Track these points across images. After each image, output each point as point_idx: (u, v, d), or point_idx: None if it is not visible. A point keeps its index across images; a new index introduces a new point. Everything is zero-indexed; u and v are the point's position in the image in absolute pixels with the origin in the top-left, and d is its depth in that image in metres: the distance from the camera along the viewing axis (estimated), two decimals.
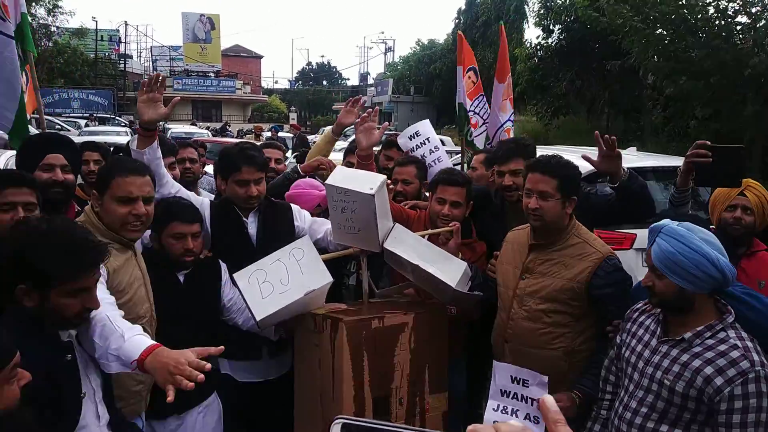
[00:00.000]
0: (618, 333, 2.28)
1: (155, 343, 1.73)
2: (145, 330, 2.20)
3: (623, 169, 2.67)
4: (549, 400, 0.67)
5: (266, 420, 2.85)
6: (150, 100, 2.49)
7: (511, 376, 2.30)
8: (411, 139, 3.87)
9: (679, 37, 10.07)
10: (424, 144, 3.81)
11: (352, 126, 3.12)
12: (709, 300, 1.94)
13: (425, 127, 3.94)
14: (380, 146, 3.52)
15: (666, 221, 1.96)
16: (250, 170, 2.66)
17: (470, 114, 5.39)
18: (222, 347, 1.71)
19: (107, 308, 1.82)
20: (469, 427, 0.65)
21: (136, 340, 1.73)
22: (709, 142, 2.50)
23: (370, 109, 2.92)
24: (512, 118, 5.19)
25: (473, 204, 2.94)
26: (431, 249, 2.52)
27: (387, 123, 3.22)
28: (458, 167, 4.84)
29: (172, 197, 2.54)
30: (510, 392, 2.29)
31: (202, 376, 1.57)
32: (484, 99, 5.56)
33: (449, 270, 2.44)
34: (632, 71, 13.77)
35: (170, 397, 1.55)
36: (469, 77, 5.47)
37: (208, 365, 1.61)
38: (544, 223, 2.40)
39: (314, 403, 2.38)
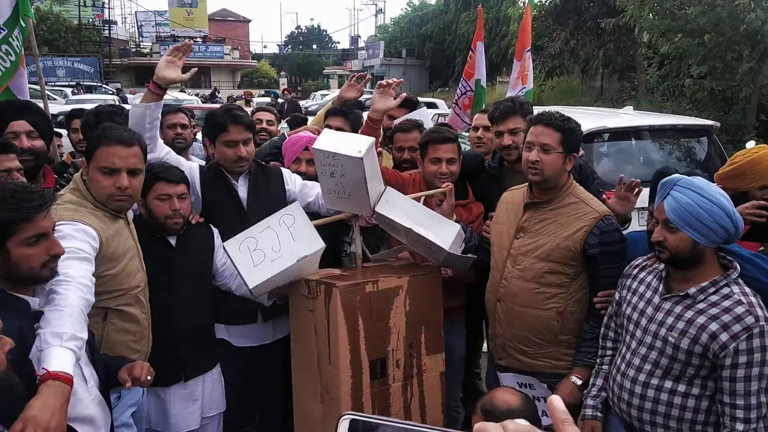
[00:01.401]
0: (609, 301, 2.29)
1: (65, 373, 1.54)
2: (137, 299, 2.19)
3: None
4: (557, 401, 0.68)
5: (264, 384, 2.87)
6: (170, 62, 2.47)
7: (518, 383, 2.34)
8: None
9: None
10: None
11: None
12: (714, 255, 1.93)
13: (423, 116, 3.93)
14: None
15: (677, 175, 1.93)
16: (237, 129, 2.62)
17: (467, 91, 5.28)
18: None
19: (78, 292, 1.73)
20: (476, 426, 0.65)
21: (57, 352, 1.57)
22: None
23: (395, 79, 2.89)
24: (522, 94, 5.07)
25: (468, 169, 2.90)
26: (424, 212, 2.49)
27: (404, 94, 3.13)
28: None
29: (156, 161, 2.49)
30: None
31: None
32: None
33: (442, 233, 2.41)
34: (627, 30, 13.55)
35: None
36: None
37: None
38: (543, 177, 2.36)
39: (311, 367, 2.38)
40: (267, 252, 2.32)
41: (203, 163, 3.58)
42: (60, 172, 2.94)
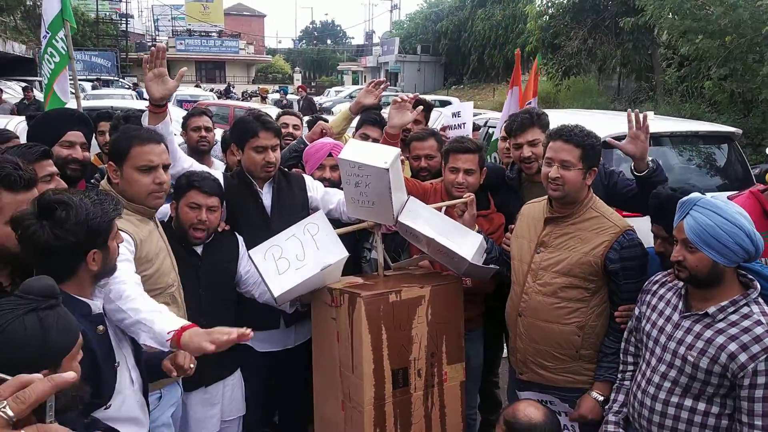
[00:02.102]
0: (629, 316, 2.30)
1: (187, 323, 1.80)
2: (174, 298, 2.25)
3: (650, 161, 2.58)
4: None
5: (285, 388, 2.90)
6: (156, 76, 2.45)
7: (539, 401, 2.33)
8: (453, 117, 3.91)
9: None
10: (460, 127, 3.84)
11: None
12: (734, 274, 1.93)
13: (467, 111, 3.96)
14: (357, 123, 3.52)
15: (697, 194, 1.93)
16: (267, 135, 2.67)
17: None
18: (250, 332, 1.75)
19: (129, 283, 1.88)
20: None
21: (166, 317, 1.81)
22: None
23: (410, 95, 2.95)
24: None
25: (488, 181, 2.91)
26: (446, 222, 2.50)
27: (421, 107, 3.17)
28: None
29: (198, 169, 2.54)
30: None
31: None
32: None
33: (465, 243, 2.42)
34: (646, 29, 13.41)
35: (211, 347, 1.68)
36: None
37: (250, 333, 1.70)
38: (564, 193, 2.36)
39: (333, 374, 2.40)
40: (291, 260, 2.35)
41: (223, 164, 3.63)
42: (87, 177, 2.99)
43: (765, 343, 1.80)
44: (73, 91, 4.50)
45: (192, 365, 1.87)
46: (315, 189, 2.87)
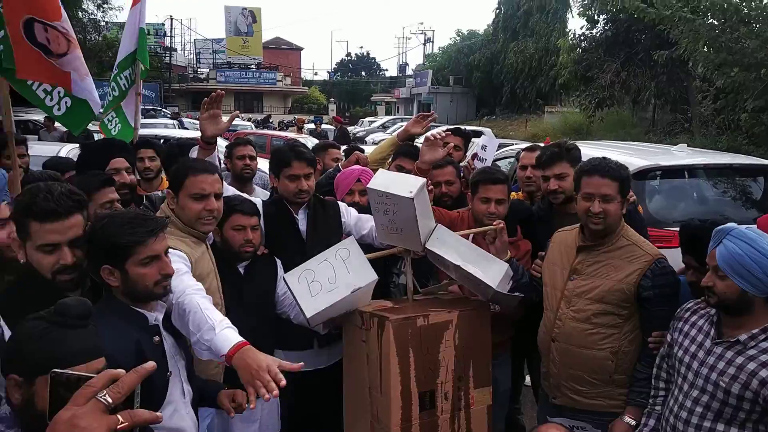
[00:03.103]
0: (662, 341, 2.33)
1: (242, 340, 1.86)
2: None
3: None
4: None
5: (317, 407, 2.97)
6: (211, 116, 2.67)
7: (570, 426, 2.39)
8: (483, 149, 4.06)
9: (731, 27, 9.72)
10: (483, 161, 3.98)
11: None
12: (765, 303, 1.96)
13: (492, 147, 4.10)
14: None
15: (732, 224, 1.98)
16: (300, 165, 2.81)
17: None
18: (302, 364, 1.83)
19: (197, 296, 1.98)
20: None
21: (225, 334, 1.86)
22: None
23: (442, 132, 3.13)
24: None
25: (514, 215, 2.99)
26: (473, 249, 2.57)
27: (452, 144, 3.37)
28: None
29: (232, 194, 2.69)
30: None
31: (277, 391, 1.68)
32: None
33: (490, 270, 2.48)
34: (680, 62, 13.35)
35: (252, 405, 1.72)
36: None
37: (284, 381, 1.71)
38: (605, 225, 2.43)
39: (363, 395, 2.47)
40: (324, 283, 2.45)
41: (266, 192, 3.80)
42: (137, 202, 3.18)
43: None
44: (132, 121, 4.80)
45: (251, 405, 1.80)
46: (349, 215, 2.98)
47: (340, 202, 3.06)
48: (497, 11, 35.85)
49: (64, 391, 0.96)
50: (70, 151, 5.85)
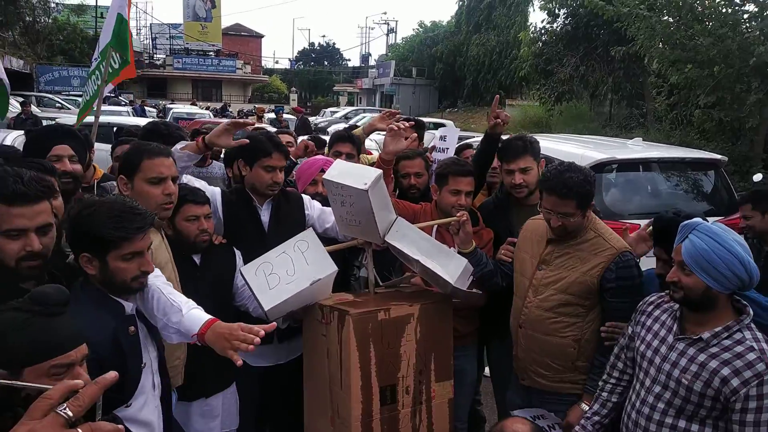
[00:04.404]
0: (615, 332, 2.38)
1: (211, 317, 1.91)
2: None
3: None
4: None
5: (276, 403, 2.92)
6: (226, 131, 2.61)
7: (530, 416, 2.41)
8: (441, 140, 4.05)
9: (685, 24, 9.99)
10: (443, 152, 3.98)
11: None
12: (728, 300, 1.97)
13: (452, 137, 4.11)
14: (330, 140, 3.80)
15: (698, 219, 1.99)
16: (279, 157, 2.78)
17: None
18: (274, 324, 1.86)
19: (159, 283, 1.99)
20: None
21: (193, 314, 1.92)
22: None
23: (405, 122, 3.11)
24: None
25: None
26: (433, 244, 2.56)
27: (415, 134, 3.36)
28: None
29: (181, 183, 2.58)
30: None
31: (258, 339, 1.74)
32: None
33: (450, 266, 2.47)
34: (637, 58, 13.67)
35: (239, 362, 1.74)
36: None
37: (262, 332, 1.76)
38: (567, 233, 2.49)
39: (323, 390, 2.43)
40: (282, 276, 2.39)
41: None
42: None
43: (756, 369, 1.84)
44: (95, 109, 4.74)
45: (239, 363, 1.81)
46: (312, 208, 2.93)
47: (303, 195, 3.00)
48: (460, 3, 35.94)
49: (9, 401, 0.93)
50: (15, 138, 5.57)
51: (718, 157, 5.41)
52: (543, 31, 19.54)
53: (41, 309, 1.28)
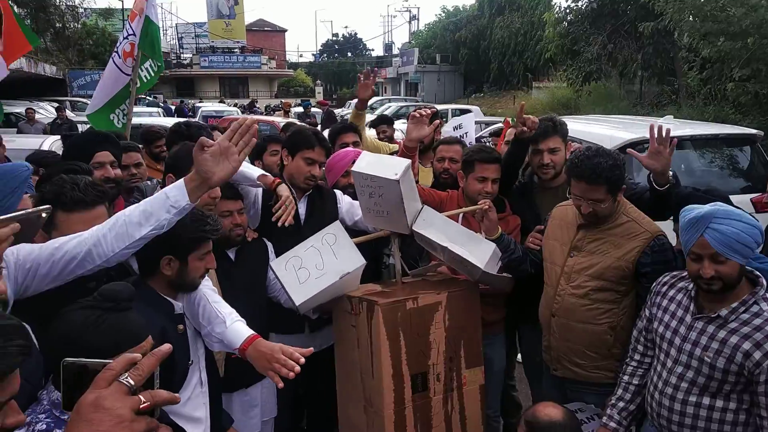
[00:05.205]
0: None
1: (253, 333, 2.00)
2: None
3: (670, 174, 2.53)
4: None
5: (311, 391, 2.99)
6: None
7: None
8: (455, 130, 4.05)
9: None
10: (463, 137, 3.98)
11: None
12: (743, 271, 1.97)
13: (468, 122, 4.09)
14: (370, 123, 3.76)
15: (707, 209, 1.95)
16: (321, 152, 2.86)
17: None
18: (311, 349, 1.95)
19: (206, 290, 2.09)
20: None
21: (236, 327, 2.01)
22: None
23: (428, 110, 3.13)
24: None
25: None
26: (460, 230, 2.56)
27: (438, 121, 3.40)
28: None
29: None
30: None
31: (298, 368, 1.83)
32: None
33: (478, 251, 2.48)
34: (666, 33, 13.31)
35: (280, 384, 1.85)
36: None
37: (302, 359, 1.86)
38: (599, 219, 2.45)
39: (355, 380, 2.47)
40: (311, 270, 2.44)
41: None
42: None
43: None
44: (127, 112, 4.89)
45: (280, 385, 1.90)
46: (343, 202, 2.98)
47: (336, 190, 3.05)
48: None
49: (79, 378, 1.00)
50: (52, 143, 5.75)
51: (754, 131, 5.25)
52: (568, 11, 19.14)
53: (112, 305, 1.37)
